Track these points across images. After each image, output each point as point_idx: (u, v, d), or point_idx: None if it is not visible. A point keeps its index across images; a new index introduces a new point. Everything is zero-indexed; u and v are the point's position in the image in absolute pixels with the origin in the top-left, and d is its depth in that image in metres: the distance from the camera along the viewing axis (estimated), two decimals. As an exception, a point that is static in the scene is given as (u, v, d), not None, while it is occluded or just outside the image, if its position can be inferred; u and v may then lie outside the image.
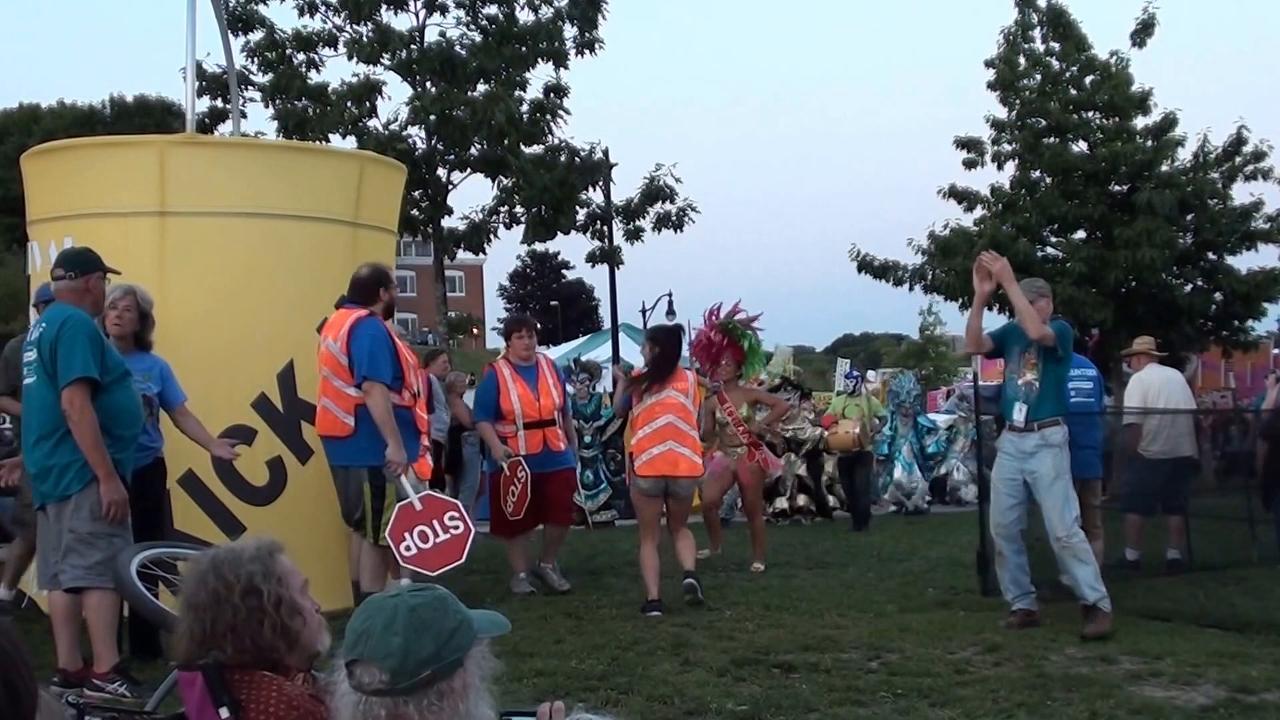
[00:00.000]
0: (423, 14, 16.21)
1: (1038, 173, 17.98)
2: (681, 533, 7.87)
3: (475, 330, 60.40)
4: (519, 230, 17.19)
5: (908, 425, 15.68)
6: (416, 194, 16.09)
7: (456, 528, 6.68)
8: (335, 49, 16.27)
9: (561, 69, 16.38)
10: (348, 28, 16.16)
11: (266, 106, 16.23)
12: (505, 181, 16.50)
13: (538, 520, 8.44)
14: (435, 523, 6.64)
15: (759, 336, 10.14)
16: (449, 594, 2.18)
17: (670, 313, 26.91)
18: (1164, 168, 17.39)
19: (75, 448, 5.24)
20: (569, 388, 14.43)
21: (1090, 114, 17.75)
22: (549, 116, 16.39)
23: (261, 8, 16.08)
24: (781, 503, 14.07)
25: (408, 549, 6.65)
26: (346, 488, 6.81)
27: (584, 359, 15.29)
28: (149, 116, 31.97)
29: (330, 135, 15.90)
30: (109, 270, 5.66)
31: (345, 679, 2.10)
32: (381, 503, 6.71)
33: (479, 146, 16.10)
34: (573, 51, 16.35)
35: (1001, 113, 18.16)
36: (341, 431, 6.74)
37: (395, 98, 17.05)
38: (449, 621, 2.12)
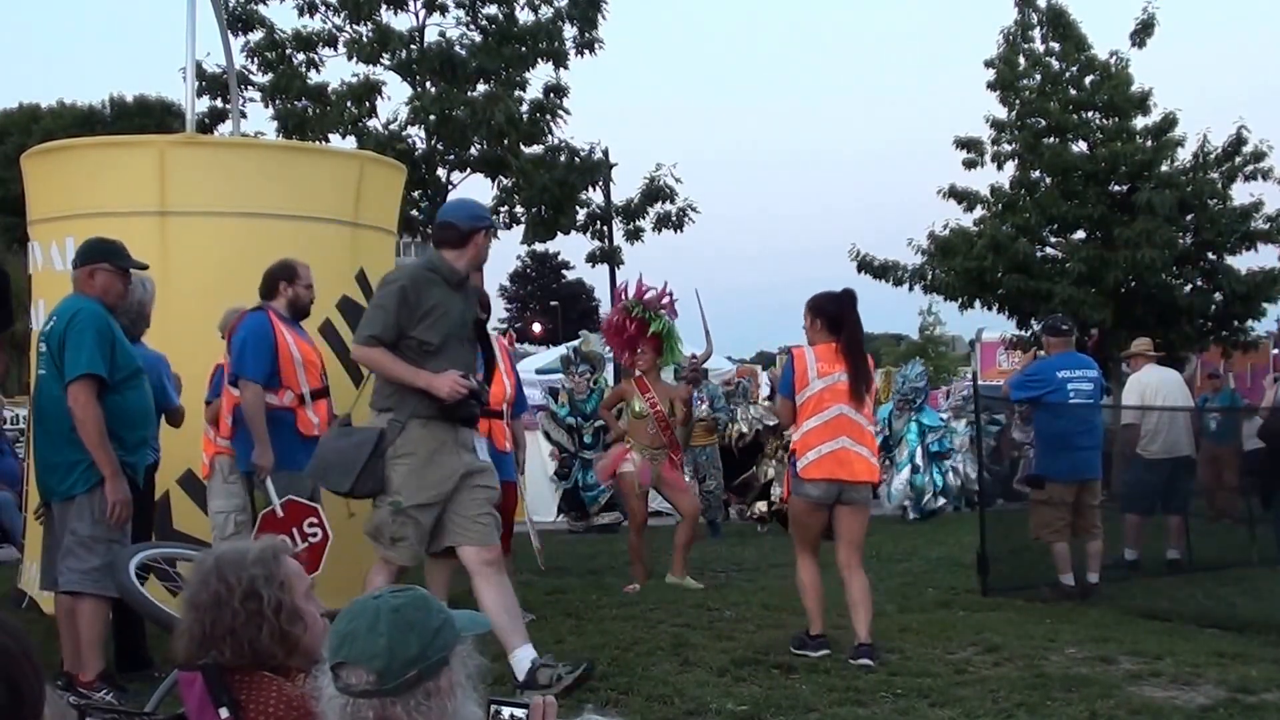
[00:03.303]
0: (423, 14, 16.22)
1: (1037, 173, 17.99)
2: (856, 569, 6.32)
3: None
4: (519, 230, 17.21)
5: (904, 420, 15.00)
6: (416, 194, 16.09)
7: (315, 535, 6.12)
8: (335, 49, 16.29)
9: (561, 69, 16.40)
10: (348, 28, 16.17)
11: (266, 106, 16.25)
12: (505, 181, 16.51)
13: None
14: (295, 530, 6.09)
15: (672, 320, 8.82)
16: (430, 594, 2.20)
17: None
18: (1164, 168, 17.40)
19: (82, 447, 5.13)
20: (565, 381, 14.19)
21: (1090, 114, 17.77)
22: (549, 116, 16.40)
23: (261, 8, 16.09)
24: (761, 506, 13.62)
25: None
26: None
27: (585, 349, 14.51)
28: (149, 116, 31.96)
29: (330, 135, 15.91)
30: (125, 263, 5.47)
31: (331, 682, 2.10)
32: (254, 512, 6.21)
33: (479, 146, 16.11)
34: (573, 51, 16.37)
35: (1001, 113, 18.17)
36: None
37: (395, 98, 17.05)
38: (433, 621, 2.13)
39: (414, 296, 5.17)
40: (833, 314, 6.33)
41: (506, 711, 2.25)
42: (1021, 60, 18.08)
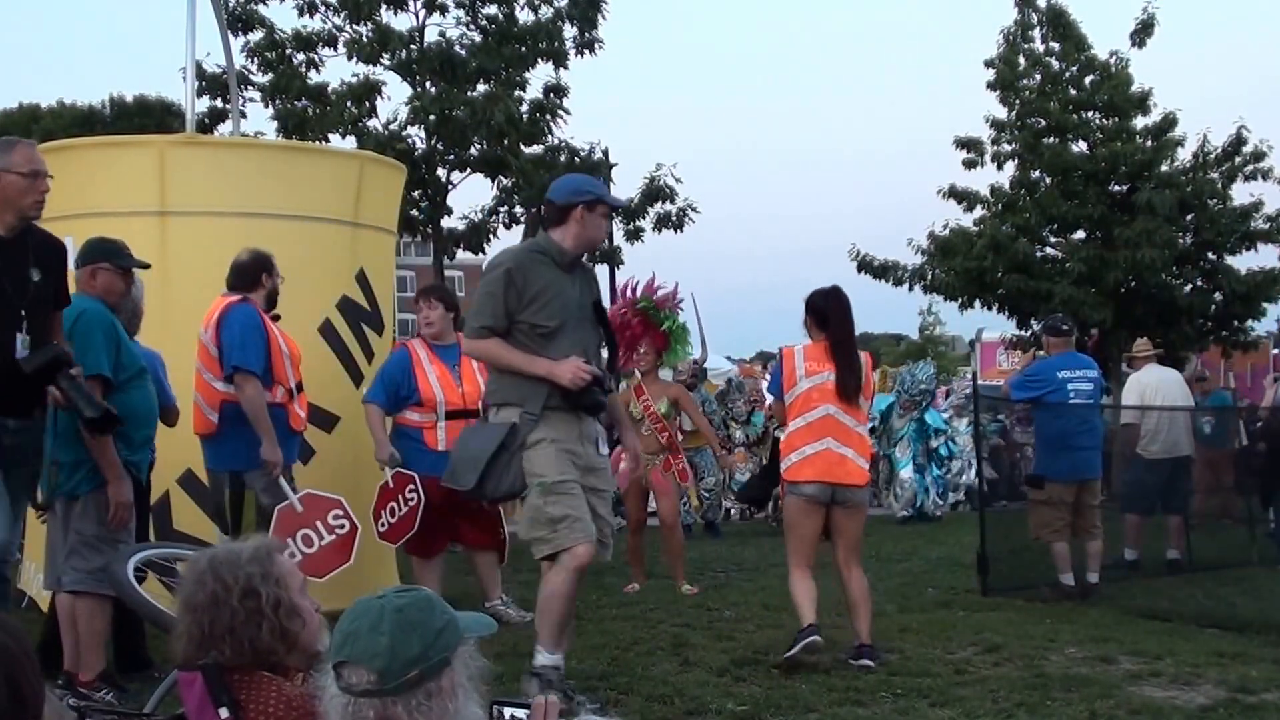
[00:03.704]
0: (422, 14, 16.22)
1: (1037, 173, 18.00)
2: (854, 568, 6.20)
3: (475, 330, 60.39)
4: (519, 230, 17.21)
5: (905, 420, 14.92)
6: (416, 194, 16.08)
7: (342, 527, 6.11)
8: (335, 49, 16.28)
9: (561, 69, 16.40)
10: (347, 28, 16.16)
11: (266, 106, 16.24)
12: (505, 181, 16.51)
13: (452, 538, 7.35)
14: (319, 524, 6.06)
15: (681, 319, 8.59)
16: (435, 594, 2.20)
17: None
18: (1164, 168, 17.41)
19: (86, 446, 5.11)
20: None
21: (1090, 114, 17.77)
22: (549, 116, 16.40)
23: (261, 8, 16.08)
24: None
25: (291, 556, 6.25)
26: (215, 494, 6.19)
27: None
28: (149, 116, 31.89)
29: (330, 135, 15.90)
30: (126, 263, 5.46)
31: (333, 681, 2.11)
32: (239, 514, 6.10)
33: (479, 146, 16.10)
34: (573, 51, 16.36)
35: (1001, 113, 18.17)
36: (207, 430, 6.15)
37: (395, 98, 17.07)
38: (435, 621, 2.13)
39: (520, 279, 4.90)
40: (820, 309, 6.16)
41: (508, 712, 2.26)
42: (1021, 60, 18.08)
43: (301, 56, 16.23)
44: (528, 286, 4.90)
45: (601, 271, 19.19)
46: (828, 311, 6.13)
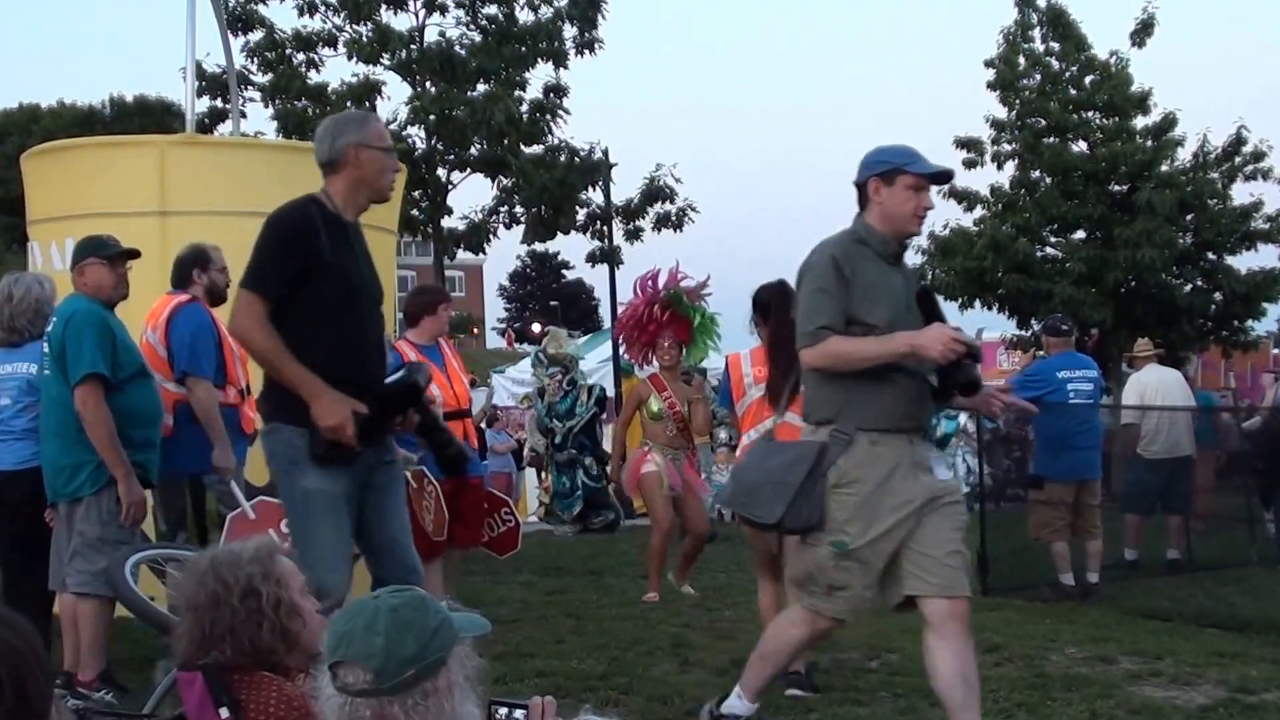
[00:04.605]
0: (422, 14, 16.25)
1: (1037, 173, 17.98)
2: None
3: (475, 330, 60.52)
4: (519, 230, 17.24)
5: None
6: (416, 194, 16.11)
7: None
8: (335, 49, 16.31)
9: (561, 69, 16.42)
10: (347, 28, 16.19)
11: (266, 106, 16.27)
12: (505, 181, 16.53)
13: (450, 539, 7.05)
14: (271, 531, 5.74)
15: (710, 310, 8.03)
16: (428, 595, 2.21)
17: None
18: (1164, 168, 17.39)
19: (89, 448, 5.09)
20: (539, 382, 14.22)
21: (1090, 114, 17.75)
22: (549, 116, 16.42)
23: (261, 8, 16.11)
24: None
25: None
26: (166, 498, 5.96)
27: (552, 350, 14.36)
28: (149, 116, 31.98)
29: (330, 135, 15.90)
30: (111, 252, 5.36)
31: (329, 681, 2.11)
32: (204, 518, 5.94)
33: (479, 146, 16.12)
34: (573, 51, 16.39)
35: (1001, 113, 18.15)
36: (162, 433, 5.87)
37: (395, 98, 17.09)
38: (431, 621, 2.14)
39: (847, 268, 4.10)
40: (763, 304, 5.51)
41: (506, 711, 2.26)
42: (1021, 60, 18.06)
43: (301, 56, 16.26)
44: (855, 279, 4.11)
45: (601, 271, 19.24)
46: (769, 306, 5.46)
